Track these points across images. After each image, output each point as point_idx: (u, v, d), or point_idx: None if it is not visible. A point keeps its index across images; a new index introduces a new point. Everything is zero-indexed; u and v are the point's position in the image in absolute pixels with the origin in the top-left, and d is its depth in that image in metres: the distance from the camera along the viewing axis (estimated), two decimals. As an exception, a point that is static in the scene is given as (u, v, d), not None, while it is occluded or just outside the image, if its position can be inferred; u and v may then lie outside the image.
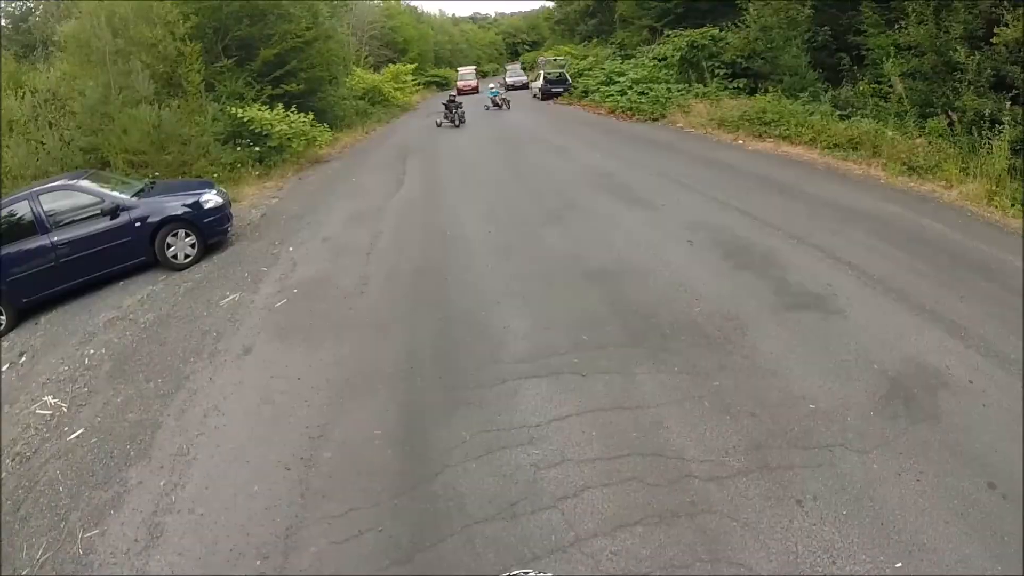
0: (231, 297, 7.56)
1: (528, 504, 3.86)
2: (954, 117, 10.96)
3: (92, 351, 6.68)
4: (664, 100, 19.39)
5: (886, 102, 12.99)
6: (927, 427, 4.27)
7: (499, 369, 5.35)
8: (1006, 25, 9.87)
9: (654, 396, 4.76)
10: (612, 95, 22.08)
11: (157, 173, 12.54)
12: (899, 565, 3.30)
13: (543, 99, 31.59)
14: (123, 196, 8.93)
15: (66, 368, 6.42)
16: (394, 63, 40.35)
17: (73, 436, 5.21)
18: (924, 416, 4.37)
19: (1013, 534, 3.44)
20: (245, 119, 15.39)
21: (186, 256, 9.10)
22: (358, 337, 6.20)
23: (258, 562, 3.71)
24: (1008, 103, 9.84)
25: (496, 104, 28.68)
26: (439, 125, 22.90)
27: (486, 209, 10.33)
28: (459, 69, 50.54)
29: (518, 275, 7.25)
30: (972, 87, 10.68)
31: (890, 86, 12.87)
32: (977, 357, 5.03)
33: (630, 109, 20.17)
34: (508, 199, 10.87)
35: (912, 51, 12.47)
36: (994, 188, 9.08)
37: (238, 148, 15.30)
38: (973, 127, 10.38)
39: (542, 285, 6.89)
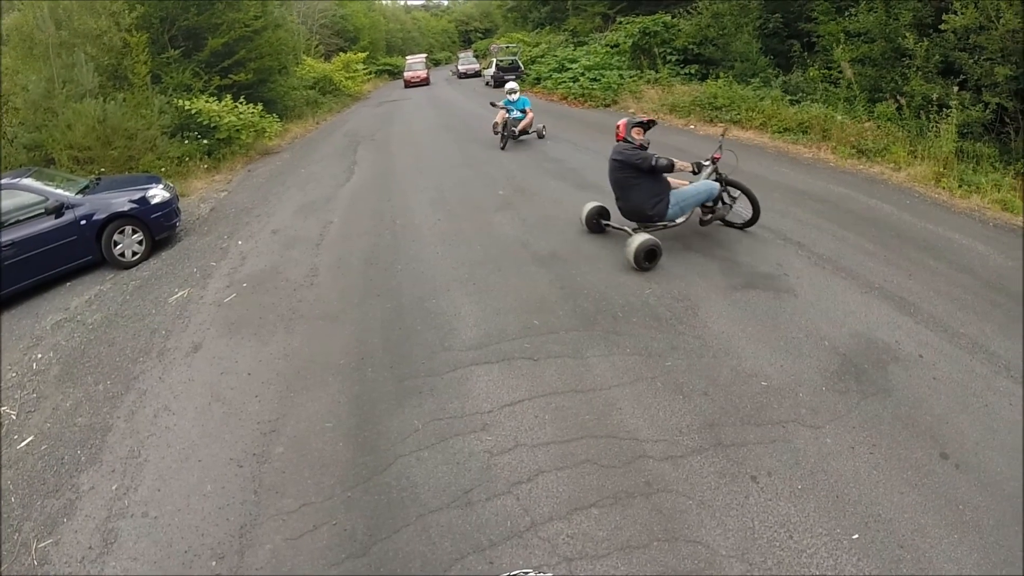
0: (180, 294, 7.35)
1: (483, 491, 3.82)
2: (902, 102, 11.29)
3: (40, 355, 6.41)
4: (616, 86, 19.51)
5: (836, 87, 13.32)
6: (878, 401, 4.34)
7: (450, 356, 5.29)
8: (954, 12, 10.14)
9: (606, 378, 4.75)
10: (564, 82, 22.08)
11: (103, 169, 12.15)
12: (856, 536, 3.34)
13: (495, 86, 31.20)
14: (67, 194, 8.56)
15: (14, 374, 6.14)
16: (345, 52, 39.40)
17: (23, 444, 4.99)
18: (875, 390, 4.45)
19: (967, 503, 3.52)
20: (193, 111, 14.99)
21: (134, 253, 8.79)
22: (308, 329, 6.08)
23: (213, 562, 3.60)
24: (956, 88, 10.15)
25: (511, 133, 13.63)
26: None
27: (436, 196, 10.25)
28: (407, 58, 46.56)
29: (468, 262, 7.19)
30: (920, 72, 10.99)
31: (840, 72, 13.19)
32: (927, 332, 5.14)
33: (582, 95, 20.25)
34: (458, 186, 10.79)
35: (862, 38, 12.81)
36: (942, 170, 9.39)
37: (186, 141, 14.91)
38: (921, 111, 10.73)
39: (492, 271, 6.84)
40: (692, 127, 14.48)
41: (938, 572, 3.14)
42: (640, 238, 6.35)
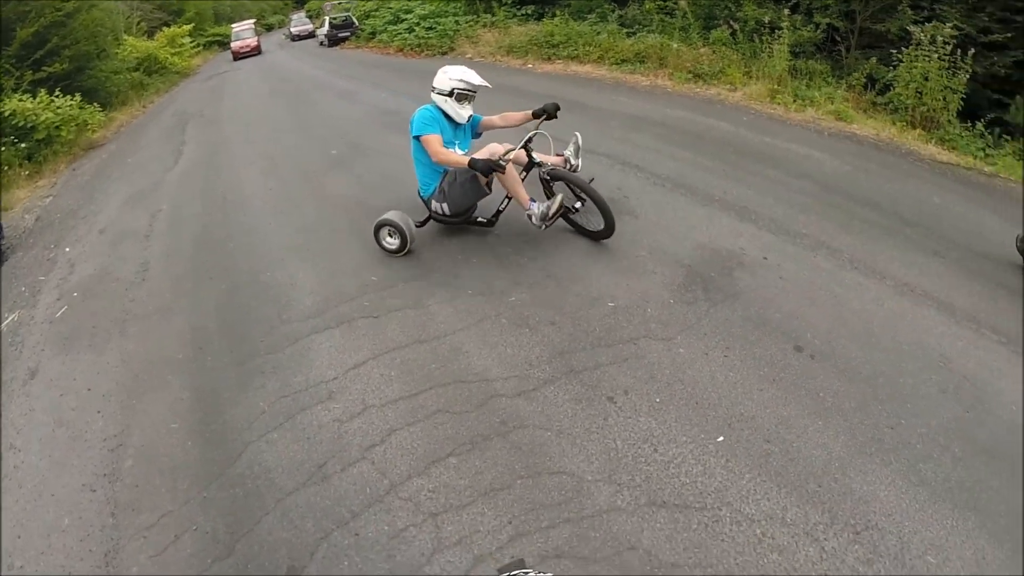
0: (9, 318, 6.65)
1: (337, 462, 3.71)
2: (736, 27, 11.90)
3: None
4: (452, 33, 19.66)
5: (671, 18, 13.78)
6: (727, 306, 4.53)
7: (289, 329, 5.10)
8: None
9: (450, 324, 4.72)
10: (400, 33, 22.01)
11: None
12: (721, 439, 3.47)
13: (330, 45, 30.77)
14: None
15: None
16: (169, 26, 36.74)
17: None
18: (724, 296, 4.64)
19: (827, 389, 3.76)
20: (6, 113, 13.62)
21: (-42, 285, 7.84)
22: (142, 328, 5.69)
23: (84, 600, 3.33)
24: (787, 11, 10.80)
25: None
26: None
27: (267, 165, 9.89)
28: (232, 26, 42.12)
29: (301, 228, 6.97)
30: (753, -1, 11.57)
31: (675, 3, 13.64)
32: (769, 236, 5.43)
33: (418, 45, 20.33)
34: (290, 152, 10.47)
35: (695, -32, 13.29)
36: (776, 87, 10.00)
37: (1, 148, 13.48)
38: (754, 35, 11.39)
39: (327, 234, 6.66)
40: (530, 66, 14.74)
41: (807, 458, 3.32)
42: None
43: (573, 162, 5.63)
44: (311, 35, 40.22)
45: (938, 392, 3.75)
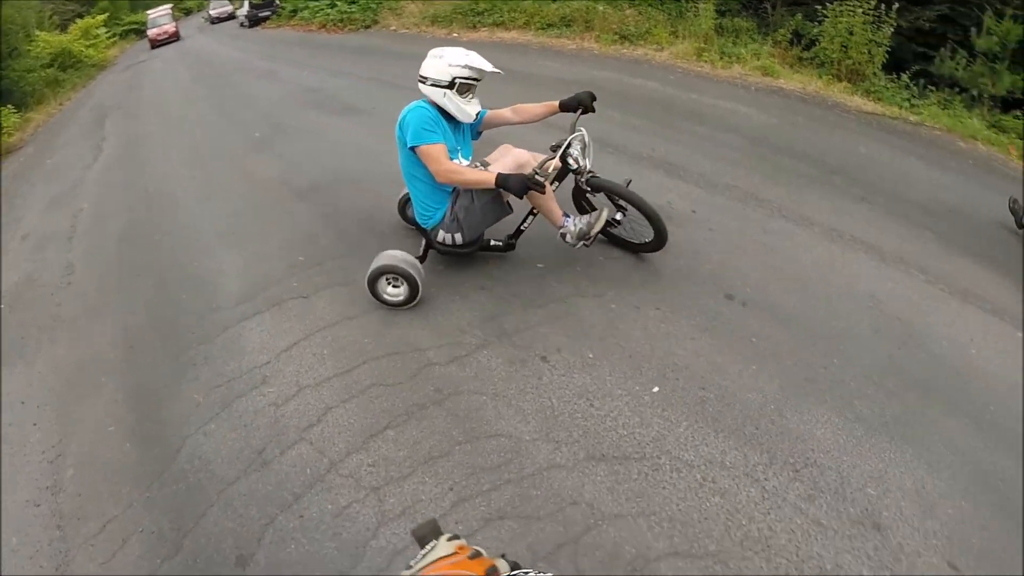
0: None
1: (275, 446, 3.66)
2: (662, -13, 11.93)
3: None
4: (375, 6, 19.39)
5: (596, -20, 13.81)
6: (658, 259, 4.59)
7: (219, 317, 4.99)
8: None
9: (381, 297, 4.71)
10: (322, 9, 21.57)
11: None
12: (656, 389, 3.53)
13: (251, 26, 29.91)
14: None
15: None
16: (83, 17, 35.50)
17: None
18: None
19: (759, 335, 3.86)
20: None
21: None
22: (71, 333, 5.52)
23: (40, 618, 3.26)
24: (712, -30, 10.88)
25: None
26: None
27: (189, 154, 9.64)
28: (148, 13, 40.09)
29: (226, 213, 6.82)
30: (677, -41, 11.67)
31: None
32: (697, 190, 5.51)
33: (341, 21, 20.01)
34: (213, 137, 10.23)
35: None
36: (702, 46, 10.12)
37: None
38: (681, -6, 11.41)
39: (252, 218, 6.53)
40: (455, 35, 14.69)
41: (743, 402, 3.42)
42: None
43: (581, 163, 4.39)
44: (231, 17, 39.06)
45: (870, 332, 3.89)
